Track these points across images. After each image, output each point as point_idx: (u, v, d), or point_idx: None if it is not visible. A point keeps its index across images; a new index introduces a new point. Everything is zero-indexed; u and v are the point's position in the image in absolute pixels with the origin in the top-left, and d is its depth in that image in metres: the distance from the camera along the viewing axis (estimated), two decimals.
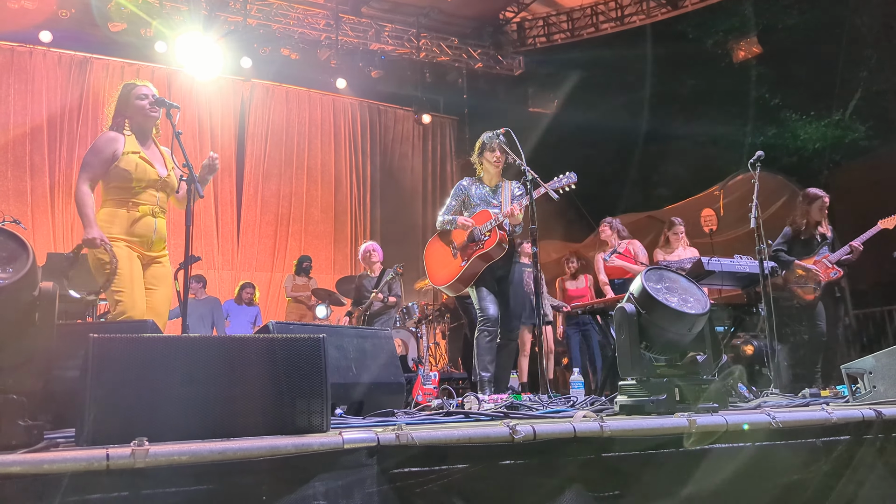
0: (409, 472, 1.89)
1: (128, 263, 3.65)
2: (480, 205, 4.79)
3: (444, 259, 4.84)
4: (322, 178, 11.71)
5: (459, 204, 4.89)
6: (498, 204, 4.76)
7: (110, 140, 3.76)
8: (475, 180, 4.90)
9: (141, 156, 3.78)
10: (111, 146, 3.74)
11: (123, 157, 3.72)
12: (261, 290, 10.69)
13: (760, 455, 2.41)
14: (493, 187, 4.85)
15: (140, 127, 3.86)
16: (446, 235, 4.87)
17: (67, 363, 2.12)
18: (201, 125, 10.82)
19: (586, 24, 11.54)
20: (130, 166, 3.72)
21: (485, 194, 4.82)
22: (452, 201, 4.90)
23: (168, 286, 3.91)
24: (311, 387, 2.03)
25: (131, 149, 3.77)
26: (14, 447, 1.71)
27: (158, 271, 3.86)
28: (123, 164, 3.71)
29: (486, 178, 4.88)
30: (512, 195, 4.77)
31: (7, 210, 8.15)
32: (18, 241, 1.95)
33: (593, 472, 2.14)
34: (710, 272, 5.10)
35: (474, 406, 3.39)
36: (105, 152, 3.72)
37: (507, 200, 4.73)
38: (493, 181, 4.87)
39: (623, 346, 2.89)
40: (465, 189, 4.87)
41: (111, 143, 3.75)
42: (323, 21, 10.65)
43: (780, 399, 4.02)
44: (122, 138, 3.77)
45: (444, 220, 4.84)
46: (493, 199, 4.80)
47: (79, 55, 10.16)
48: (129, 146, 3.76)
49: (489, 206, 4.76)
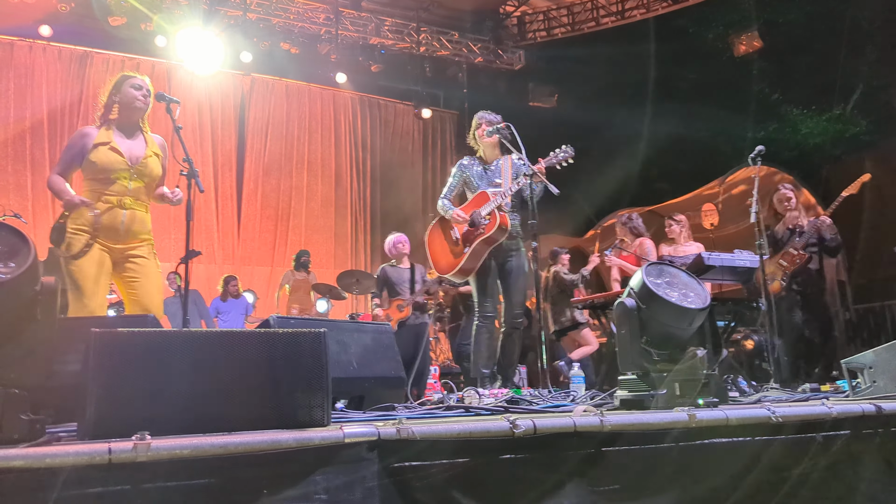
0: (409, 466, 1.89)
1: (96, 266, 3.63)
2: (480, 185, 4.72)
3: (447, 246, 4.77)
4: (322, 173, 11.71)
5: (460, 183, 4.83)
6: (499, 183, 4.69)
7: (82, 135, 3.79)
8: (475, 159, 4.84)
9: (111, 146, 3.74)
10: (81, 140, 3.76)
11: (93, 149, 3.71)
12: (261, 284, 10.70)
13: (760, 449, 2.41)
14: (493, 164, 4.77)
15: (127, 116, 3.83)
16: (447, 222, 4.79)
17: (69, 357, 2.13)
18: (202, 120, 10.82)
19: (587, 18, 11.52)
20: (98, 157, 3.70)
21: (485, 172, 4.76)
22: (454, 180, 4.84)
23: (153, 277, 3.84)
24: (312, 381, 2.04)
25: (101, 140, 3.75)
26: (16, 441, 1.72)
27: (138, 265, 3.78)
28: (93, 156, 3.71)
29: (485, 156, 4.82)
30: (514, 167, 4.69)
31: (7, 204, 8.16)
32: (20, 235, 1.95)
33: (593, 466, 2.15)
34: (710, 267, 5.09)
35: (475, 400, 3.40)
36: (75, 146, 3.76)
37: (507, 178, 4.66)
38: (492, 157, 4.79)
39: (623, 340, 2.90)
40: (466, 168, 4.81)
41: (82, 137, 3.78)
42: (323, 15, 10.63)
43: (780, 394, 4.03)
44: (94, 132, 3.77)
45: (443, 206, 4.79)
46: (494, 178, 4.72)
47: (79, 49, 10.15)
48: (99, 138, 3.75)
49: (490, 186, 4.68)
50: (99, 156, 3.71)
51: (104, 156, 3.72)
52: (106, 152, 3.73)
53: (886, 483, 2.60)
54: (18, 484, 1.50)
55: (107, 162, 3.72)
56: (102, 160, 3.71)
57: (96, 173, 3.72)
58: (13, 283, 1.84)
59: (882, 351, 3.30)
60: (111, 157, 3.73)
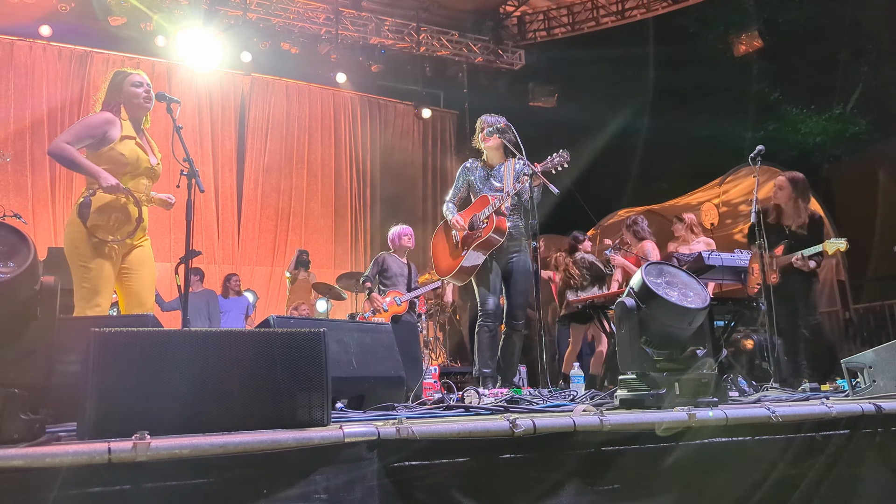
0: (409, 465, 1.89)
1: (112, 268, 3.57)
2: (483, 188, 4.76)
3: (449, 249, 4.83)
4: (322, 173, 11.71)
5: (465, 186, 4.88)
6: (500, 186, 4.71)
7: (107, 121, 3.61)
8: (479, 162, 4.90)
9: (137, 142, 3.68)
10: (106, 127, 3.59)
11: (121, 141, 3.60)
12: (261, 284, 10.70)
13: (760, 449, 2.41)
14: (496, 168, 4.80)
15: (133, 116, 3.75)
16: (450, 226, 4.84)
17: (69, 357, 2.13)
18: (202, 119, 10.82)
19: (587, 17, 11.52)
20: (127, 150, 3.60)
21: (487, 176, 4.79)
22: (459, 183, 4.90)
23: (150, 267, 3.79)
24: (311, 381, 2.04)
25: (128, 133, 3.65)
26: (16, 441, 1.72)
27: (140, 254, 3.72)
28: (120, 148, 3.59)
29: (489, 159, 4.86)
30: (515, 172, 4.71)
31: (7, 204, 8.15)
32: (19, 235, 1.95)
33: (593, 465, 2.15)
34: (710, 266, 5.10)
35: (474, 400, 3.40)
36: (97, 129, 3.58)
37: (509, 180, 4.69)
38: (496, 161, 4.83)
39: (623, 340, 2.89)
40: (469, 171, 4.86)
41: (107, 124, 3.60)
42: (323, 15, 10.63)
43: (780, 393, 4.03)
44: (119, 122, 3.65)
45: (446, 210, 4.86)
46: (496, 182, 4.74)
47: (79, 49, 10.16)
48: (125, 130, 3.65)
49: (491, 190, 4.71)
50: (128, 149, 3.61)
51: (132, 151, 3.63)
52: (133, 147, 3.65)
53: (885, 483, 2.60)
54: (18, 483, 1.50)
55: (135, 158, 3.64)
56: (131, 155, 3.62)
57: (122, 166, 3.59)
58: (13, 283, 1.84)
59: (882, 350, 3.30)
60: (139, 154, 3.66)
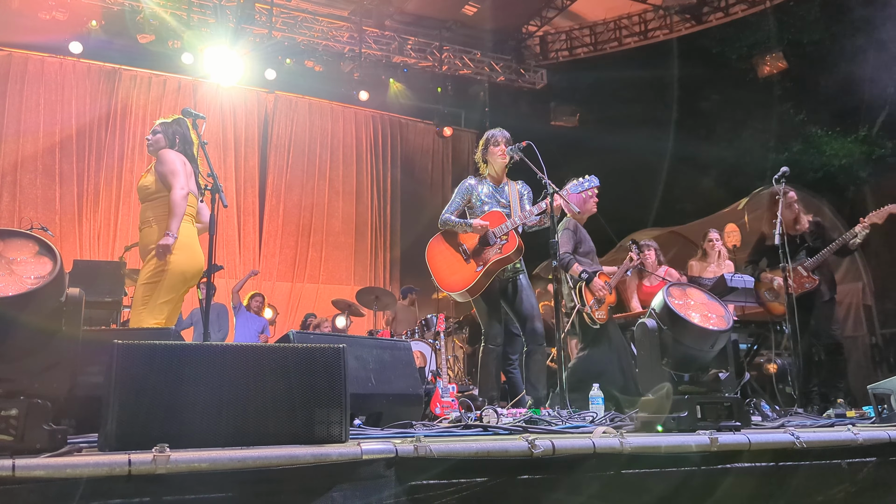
0: (426, 484, 1.88)
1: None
2: (489, 203, 4.64)
3: (455, 263, 4.59)
4: (343, 190, 11.80)
5: (464, 203, 4.72)
6: (507, 204, 4.63)
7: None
8: (481, 179, 4.78)
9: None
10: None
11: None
12: (281, 300, 10.75)
13: (784, 475, 2.37)
14: (500, 186, 4.72)
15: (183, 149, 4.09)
16: (453, 237, 4.65)
17: (92, 369, 2.15)
18: (225, 136, 10.96)
19: (609, 38, 11.54)
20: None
21: (492, 193, 4.69)
22: (458, 199, 4.72)
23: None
24: (330, 397, 2.04)
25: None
26: (38, 451, 1.73)
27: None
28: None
29: (492, 176, 4.75)
30: (519, 195, 4.66)
31: (35, 217, 8.30)
32: (46, 246, 1.98)
33: (613, 488, 2.12)
34: (733, 288, 5.04)
35: (493, 419, 3.37)
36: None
37: (515, 200, 4.62)
38: (500, 178, 4.74)
39: (644, 361, 2.87)
40: (472, 188, 4.72)
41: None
42: (347, 34, 10.76)
43: (805, 419, 3.96)
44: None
45: (450, 221, 4.62)
46: (500, 199, 4.66)
47: (108, 66, 10.36)
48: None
49: (498, 206, 4.62)
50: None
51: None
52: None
53: None
54: (39, 493, 1.51)
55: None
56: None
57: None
58: (39, 294, 1.87)
59: None
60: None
